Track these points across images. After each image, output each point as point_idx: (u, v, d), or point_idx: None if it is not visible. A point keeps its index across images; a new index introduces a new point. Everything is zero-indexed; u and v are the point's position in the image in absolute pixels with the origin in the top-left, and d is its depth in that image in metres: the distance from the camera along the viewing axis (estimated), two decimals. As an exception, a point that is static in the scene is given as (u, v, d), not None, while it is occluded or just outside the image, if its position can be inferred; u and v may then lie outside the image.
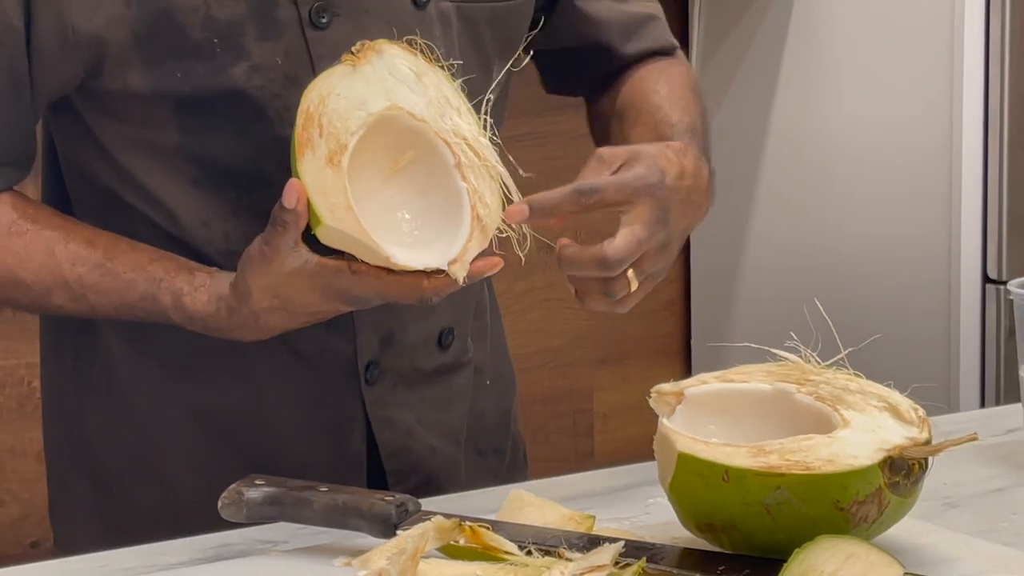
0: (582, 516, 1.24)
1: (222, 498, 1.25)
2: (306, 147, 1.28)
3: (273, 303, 1.32)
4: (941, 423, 1.42)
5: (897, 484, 1.15)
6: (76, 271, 1.39)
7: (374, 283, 1.29)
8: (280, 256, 1.29)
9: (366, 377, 1.47)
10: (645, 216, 1.31)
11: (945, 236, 2.43)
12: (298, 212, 1.27)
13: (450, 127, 1.32)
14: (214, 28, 1.36)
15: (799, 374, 1.24)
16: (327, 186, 1.28)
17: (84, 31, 1.36)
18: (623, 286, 1.32)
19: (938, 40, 2.41)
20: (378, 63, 1.31)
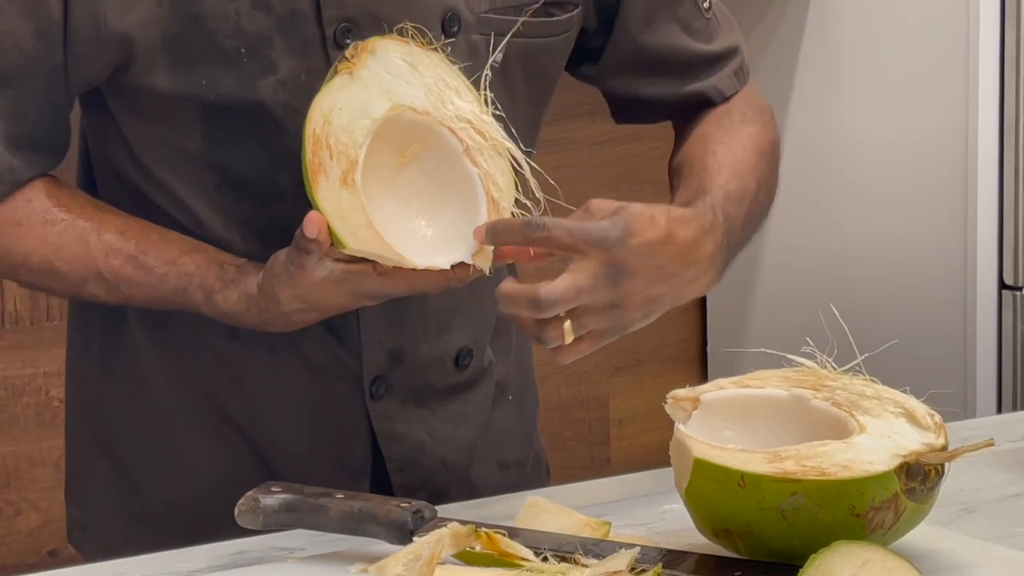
0: (598, 522, 1.24)
1: (239, 505, 1.25)
2: (319, 173, 1.28)
3: (302, 306, 1.33)
4: (958, 429, 1.41)
5: (914, 490, 1.15)
6: (110, 263, 1.40)
7: (400, 282, 1.30)
8: (306, 272, 1.30)
9: (371, 392, 1.47)
10: (592, 269, 1.27)
11: (961, 242, 2.42)
12: (320, 240, 1.27)
13: (452, 112, 1.31)
14: (243, 38, 1.37)
15: (815, 380, 1.24)
16: (345, 209, 1.28)
17: (115, 27, 1.37)
18: (556, 334, 1.29)
19: (953, 47, 2.41)
20: (373, 64, 1.31)
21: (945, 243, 2.45)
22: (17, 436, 2.64)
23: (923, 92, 2.47)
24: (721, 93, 1.56)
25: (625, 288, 1.28)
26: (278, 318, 1.36)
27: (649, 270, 1.29)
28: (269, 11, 1.37)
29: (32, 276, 1.44)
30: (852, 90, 2.60)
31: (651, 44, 1.53)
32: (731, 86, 1.57)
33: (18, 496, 2.65)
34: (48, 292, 1.51)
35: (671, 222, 1.32)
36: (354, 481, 1.47)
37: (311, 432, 1.48)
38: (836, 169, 2.65)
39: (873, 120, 2.56)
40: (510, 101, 1.48)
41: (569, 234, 1.27)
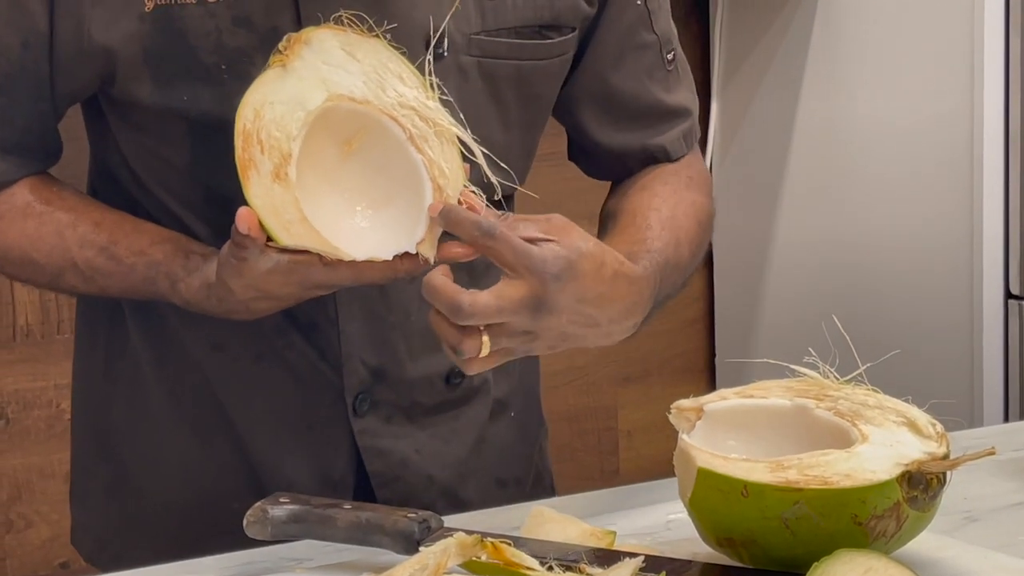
0: (603, 532, 1.25)
1: (247, 516, 1.26)
2: (249, 168, 1.26)
3: (255, 295, 1.33)
4: (962, 438, 1.42)
5: (916, 498, 1.15)
6: (84, 254, 1.43)
7: (349, 272, 1.29)
8: (249, 264, 1.30)
9: (354, 407, 1.47)
10: (522, 292, 1.26)
11: (967, 252, 2.43)
12: (253, 236, 1.27)
13: (394, 99, 1.28)
14: (224, 55, 1.38)
15: (818, 389, 1.24)
16: (277, 204, 1.26)
17: (98, 41, 1.38)
18: (472, 346, 1.26)
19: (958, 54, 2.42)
20: (308, 55, 1.28)
21: (951, 253, 2.45)
22: (28, 449, 2.65)
23: (927, 101, 2.48)
24: (669, 154, 1.56)
25: (544, 322, 1.27)
26: (237, 306, 1.36)
27: (573, 312, 1.28)
28: (251, 28, 1.38)
29: (13, 268, 1.47)
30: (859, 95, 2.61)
31: (616, 84, 1.54)
32: (679, 148, 1.58)
33: (29, 509, 2.66)
34: (31, 284, 1.52)
35: (616, 276, 1.31)
36: (336, 494, 1.48)
37: (295, 444, 1.49)
38: (842, 180, 2.65)
39: (878, 131, 2.57)
40: (502, 125, 1.48)
41: (513, 253, 1.26)
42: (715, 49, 2.89)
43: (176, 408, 1.51)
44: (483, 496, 1.54)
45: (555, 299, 1.27)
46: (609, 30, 1.53)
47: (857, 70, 2.60)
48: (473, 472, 1.55)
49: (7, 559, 2.65)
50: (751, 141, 2.84)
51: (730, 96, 2.87)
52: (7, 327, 2.62)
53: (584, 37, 1.52)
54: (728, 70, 2.87)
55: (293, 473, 1.49)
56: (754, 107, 2.82)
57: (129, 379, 1.54)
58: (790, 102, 2.73)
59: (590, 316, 1.30)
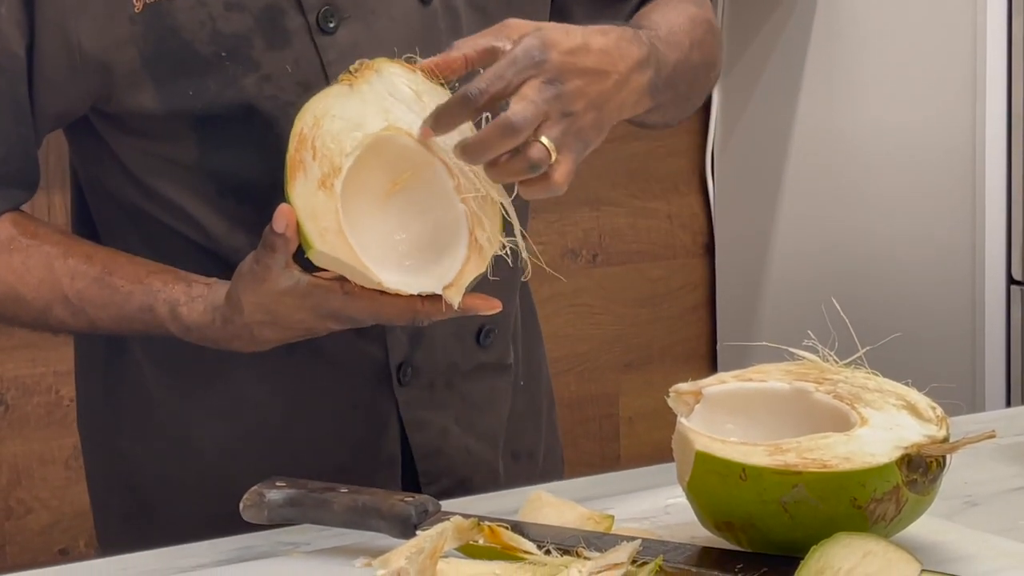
0: (601, 516, 1.25)
1: (243, 500, 1.26)
2: (298, 170, 1.27)
3: (265, 319, 1.32)
4: (964, 423, 1.42)
5: (915, 482, 1.15)
6: (75, 285, 1.39)
7: (366, 305, 1.29)
8: (271, 276, 1.29)
9: (399, 378, 1.47)
10: (534, 85, 1.26)
11: (969, 237, 2.42)
12: (287, 237, 1.26)
13: (450, 147, 1.29)
14: (221, 42, 1.37)
15: (817, 373, 1.24)
16: (318, 210, 1.26)
17: (91, 52, 1.36)
18: (542, 154, 1.25)
19: (961, 41, 2.41)
20: (376, 82, 1.30)
21: (954, 238, 2.45)
22: (28, 435, 2.65)
23: (931, 87, 2.47)
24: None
25: (568, 94, 1.27)
26: (242, 331, 1.34)
27: (579, 73, 1.28)
28: (243, 10, 1.37)
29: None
30: (862, 87, 2.60)
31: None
32: None
33: (29, 495, 2.66)
34: (17, 324, 1.46)
35: (586, 32, 1.31)
36: (388, 470, 1.48)
37: (339, 430, 1.48)
38: (844, 166, 2.65)
39: (880, 114, 2.56)
40: None
41: (502, 77, 1.26)
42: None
43: (195, 425, 1.49)
44: (507, 467, 1.55)
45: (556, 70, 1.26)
46: None
47: (859, 58, 2.59)
48: (508, 445, 1.56)
49: (6, 545, 2.65)
50: (753, 126, 2.83)
51: (732, 84, 2.87)
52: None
53: None
54: (731, 56, 2.86)
55: (341, 459, 1.47)
56: (756, 93, 2.81)
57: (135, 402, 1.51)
58: (792, 88, 2.72)
59: (593, 70, 1.29)
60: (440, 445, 1.50)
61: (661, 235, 2.96)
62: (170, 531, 1.48)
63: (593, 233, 2.90)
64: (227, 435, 1.49)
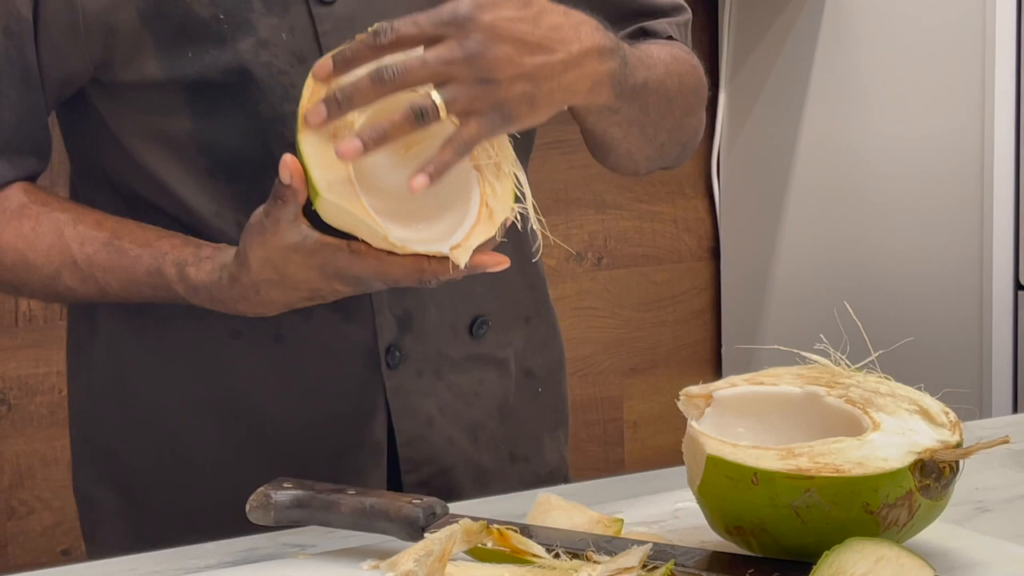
0: (610, 519, 1.24)
1: (250, 501, 1.25)
2: None
3: (272, 276, 1.30)
4: (974, 428, 1.41)
5: (928, 487, 1.14)
6: (84, 251, 1.39)
7: (373, 263, 1.27)
8: (280, 229, 1.27)
9: (387, 361, 1.46)
10: (447, 45, 1.23)
11: (977, 243, 2.42)
12: (294, 188, 1.25)
13: None
14: (220, 4, 1.36)
15: (829, 377, 1.23)
16: (328, 159, 1.24)
17: (93, 13, 1.36)
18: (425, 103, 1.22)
19: (969, 46, 2.41)
20: None
21: (961, 243, 2.44)
22: (31, 435, 2.64)
23: (939, 92, 2.47)
24: (664, 31, 1.52)
25: (488, 60, 1.23)
26: (248, 291, 1.32)
27: (513, 42, 1.24)
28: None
29: (7, 273, 1.42)
30: (868, 90, 2.60)
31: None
32: (681, 34, 1.54)
33: (31, 495, 2.65)
34: (27, 293, 1.47)
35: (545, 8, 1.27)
36: (374, 457, 1.47)
37: (331, 416, 1.47)
38: (852, 168, 2.64)
39: (888, 119, 2.56)
40: None
41: (416, 24, 1.23)
42: (723, 39, 2.88)
43: (184, 416, 1.48)
44: (498, 467, 1.54)
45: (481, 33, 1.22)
46: None
47: (866, 62, 2.59)
48: (491, 440, 1.54)
49: (9, 545, 2.64)
50: (759, 130, 2.83)
51: (738, 86, 2.86)
52: (9, 312, 2.61)
53: None
54: (736, 60, 2.85)
55: (330, 446, 1.46)
56: (762, 97, 2.81)
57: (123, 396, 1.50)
58: (798, 92, 2.72)
59: (531, 41, 1.25)
60: (424, 432, 1.49)
61: (666, 239, 2.96)
62: (159, 525, 1.49)
63: (598, 236, 2.90)
64: (215, 423, 1.48)
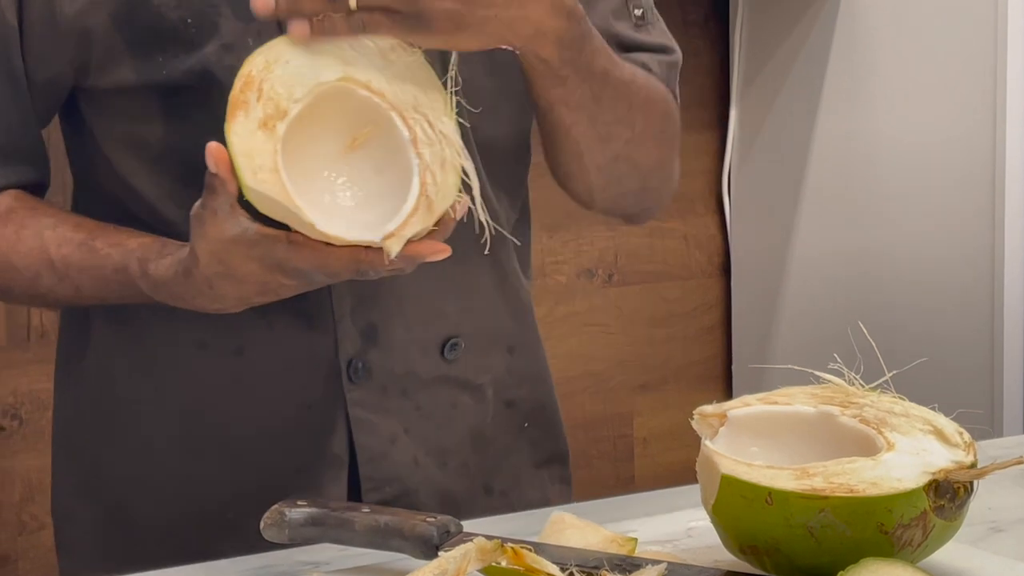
0: (624, 539, 1.24)
1: (264, 519, 1.25)
2: (239, 108, 1.24)
3: (219, 269, 1.29)
4: (987, 447, 1.41)
5: (942, 508, 1.14)
6: (61, 252, 1.40)
7: (311, 255, 1.25)
8: (218, 221, 1.26)
9: (349, 374, 1.45)
10: None
11: (988, 261, 2.42)
12: (222, 176, 1.24)
13: (411, 102, 1.26)
14: (188, 7, 1.37)
15: (843, 396, 1.23)
16: (255, 149, 1.23)
17: (70, 15, 1.38)
18: None
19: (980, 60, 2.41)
20: None
21: (972, 261, 2.44)
22: (42, 450, 2.64)
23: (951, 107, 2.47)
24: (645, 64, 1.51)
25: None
26: (202, 286, 1.32)
27: None
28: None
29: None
30: (878, 107, 2.60)
31: None
32: (662, 71, 1.53)
33: (42, 510, 2.65)
34: (9, 295, 1.48)
35: None
36: (334, 471, 1.47)
37: (294, 430, 1.47)
38: (863, 186, 2.64)
39: (899, 137, 2.56)
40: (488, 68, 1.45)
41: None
42: (735, 55, 2.88)
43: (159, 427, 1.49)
44: (469, 496, 1.52)
45: None
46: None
47: (878, 77, 2.59)
48: (464, 468, 1.53)
49: (19, 561, 2.64)
50: (770, 147, 2.83)
51: (749, 102, 2.86)
52: (21, 327, 2.61)
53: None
54: (748, 76, 2.86)
55: (292, 459, 1.46)
56: (773, 113, 2.81)
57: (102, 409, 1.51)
58: (810, 108, 2.72)
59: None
60: (387, 451, 1.48)
61: (677, 255, 2.96)
62: (136, 540, 1.50)
63: (609, 252, 2.90)
64: (184, 435, 1.48)
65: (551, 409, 1.62)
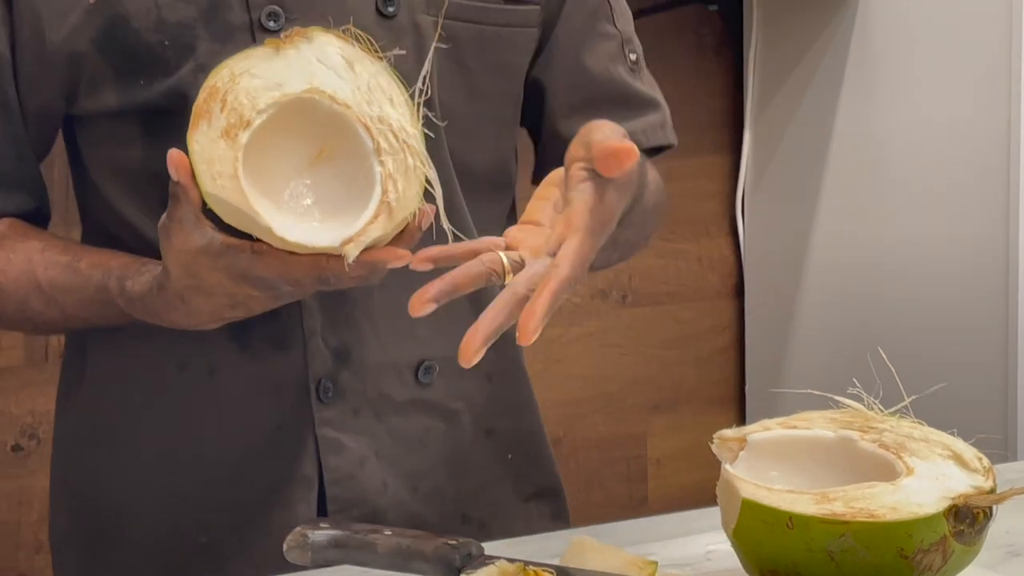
0: (645, 562, 1.24)
1: (287, 541, 1.26)
2: (202, 118, 1.23)
3: (190, 282, 1.30)
4: (1003, 471, 1.41)
5: (962, 532, 1.14)
6: (48, 274, 1.42)
7: (274, 263, 1.25)
8: (184, 231, 1.26)
9: (318, 394, 1.46)
10: None
11: (1003, 287, 2.42)
12: (184, 184, 1.24)
13: (376, 113, 1.25)
14: (165, 30, 1.39)
15: (862, 421, 1.24)
16: (215, 156, 1.23)
17: (55, 42, 1.39)
18: None
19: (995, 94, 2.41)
20: (305, 49, 1.25)
21: (987, 287, 2.44)
22: (58, 469, 2.65)
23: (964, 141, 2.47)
24: (641, 140, 1.52)
25: None
26: (175, 300, 1.32)
27: None
28: (189, 1, 1.39)
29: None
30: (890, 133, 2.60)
31: (585, 62, 1.53)
32: (660, 137, 1.55)
33: (59, 529, 2.65)
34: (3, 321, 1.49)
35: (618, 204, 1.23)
36: (304, 491, 1.46)
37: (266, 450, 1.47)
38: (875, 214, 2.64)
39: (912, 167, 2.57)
40: (467, 93, 1.46)
41: None
42: (748, 80, 2.89)
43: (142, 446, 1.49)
44: (443, 524, 1.51)
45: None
46: (575, 9, 1.53)
47: (891, 106, 2.60)
48: (436, 494, 1.52)
49: (36, 580, 2.65)
50: (784, 169, 2.84)
51: (763, 125, 2.87)
52: (39, 348, 2.62)
53: (550, 17, 1.52)
54: (761, 100, 2.86)
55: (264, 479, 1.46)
56: (787, 136, 2.82)
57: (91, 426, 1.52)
58: (823, 134, 2.72)
59: None
60: (355, 473, 1.48)
61: (691, 277, 2.96)
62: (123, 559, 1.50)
63: (623, 274, 2.91)
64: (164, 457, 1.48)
65: (538, 441, 1.61)
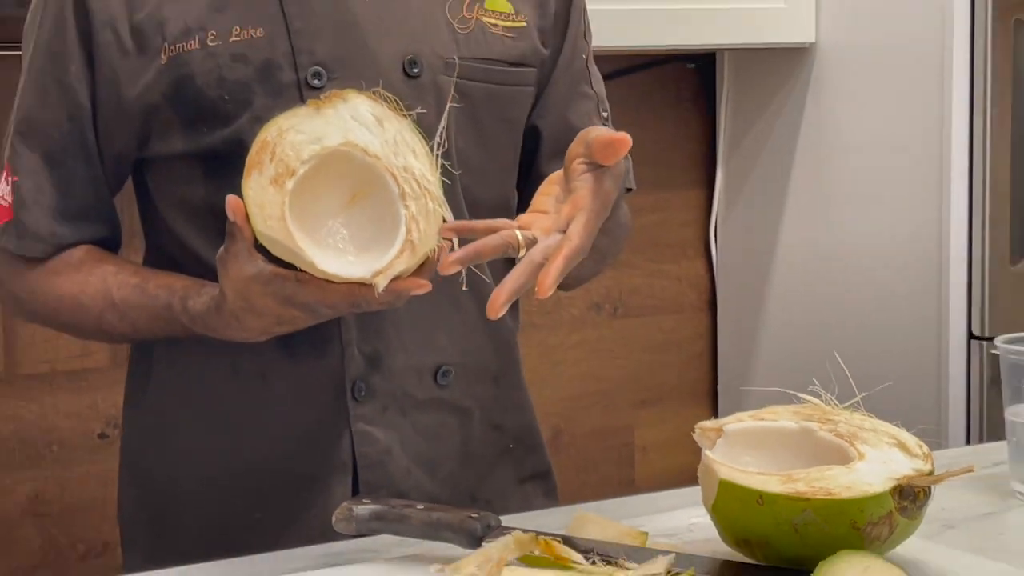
0: (637, 532, 1.25)
1: (336, 514, 1.26)
2: (254, 168, 1.25)
3: (242, 304, 1.31)
4: (939, 456, 1.41)
5: (905, 508, 1.15)
6: (121, 293, 1.43)
7: (314, 290, 1.26)
8: (239, 263, 1.28)
9: (353, 393, 1.45)
10: None
11: (936, 299, 2.42)
12: (239, 224, 1.25)
13: (401, 164, 1.27)
14: (225, 87, 1.39)
15: (821, 414, 1.24)
16: (265, 201, 1.24)
17: (131, 98, 1.41)
18: None
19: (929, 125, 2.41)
20: (342, 108, 1.27)
21: (922, 301, 2.44)
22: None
23: (901, 184, 2.47)
24: None
25: None
26: (230, 319, 1.33)
27: None
28: (246, 63, 1.40)
29: (64, 315, 1.46)
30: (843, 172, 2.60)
31: (571, 120, 1.54)
32: (627, 180, 1.55)
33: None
34: (80, 332, 1.49)
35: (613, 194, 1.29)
36: (342, 475, 1.46)
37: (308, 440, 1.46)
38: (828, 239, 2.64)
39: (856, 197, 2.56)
40: (478, 142, 1.47)
41: None
42: (720, 126, 2.89)
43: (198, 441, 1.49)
44: (455, 503, 1.50)
45: None
46: (563, 73, 1.55)
47: (843, 147, 2.60)
48: (450, 478, 1.52)
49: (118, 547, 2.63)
50: (751, 202, 2.84)
51: (733, 164, 2.87)
52: (123, 351, 2.60)
53: (543, 78, 1.54)
54: (731, 144, 2.87)
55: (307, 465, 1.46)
56: (753, 174, 2.82)
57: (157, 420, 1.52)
58: (784, 171, 2.73)
59: None
60: (383, 459, 1.47)
61: (671, 293, 2.96)
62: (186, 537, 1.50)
63: (614, 290, 2.91)
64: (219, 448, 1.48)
65: (534, 433, 1.61)
